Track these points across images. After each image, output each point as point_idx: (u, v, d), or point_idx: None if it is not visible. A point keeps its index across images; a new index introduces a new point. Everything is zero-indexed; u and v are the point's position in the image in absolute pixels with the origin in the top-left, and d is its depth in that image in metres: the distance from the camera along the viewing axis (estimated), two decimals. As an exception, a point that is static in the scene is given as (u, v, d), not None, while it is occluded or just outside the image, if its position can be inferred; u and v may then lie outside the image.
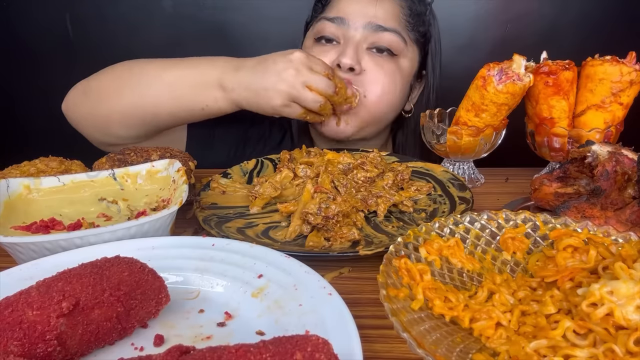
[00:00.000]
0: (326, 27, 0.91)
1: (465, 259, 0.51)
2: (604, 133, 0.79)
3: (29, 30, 1.53)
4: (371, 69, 0.90)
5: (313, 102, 0.78)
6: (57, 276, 0.43)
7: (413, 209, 0.71)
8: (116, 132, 0.86)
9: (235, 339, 0.40)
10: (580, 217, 0.62)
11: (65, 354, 0.40)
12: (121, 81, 0.84)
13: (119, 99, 0.83)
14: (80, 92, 0.87)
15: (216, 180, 0.77)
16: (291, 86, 0.77)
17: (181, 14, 1.50)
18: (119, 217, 0.66)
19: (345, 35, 0.91)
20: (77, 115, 0.88)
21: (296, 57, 0.77)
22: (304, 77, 0.77)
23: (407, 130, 1.06)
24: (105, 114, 0.85)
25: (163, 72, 0.83)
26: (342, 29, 0.91)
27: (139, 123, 0.85)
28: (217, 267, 0.52)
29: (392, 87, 0.92)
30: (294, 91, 0.77)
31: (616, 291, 0.39)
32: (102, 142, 0.90)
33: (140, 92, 0.82)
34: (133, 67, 0.85)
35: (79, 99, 0.87)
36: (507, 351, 0.39)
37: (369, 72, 0.90)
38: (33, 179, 0.64)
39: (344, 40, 0.91)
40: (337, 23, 0.91)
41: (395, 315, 0.39)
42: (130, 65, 0.85)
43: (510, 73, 0.75)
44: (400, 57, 0.93)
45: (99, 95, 0.85)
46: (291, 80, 0.77)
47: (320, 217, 0.62)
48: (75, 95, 0.88)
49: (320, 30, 0.92)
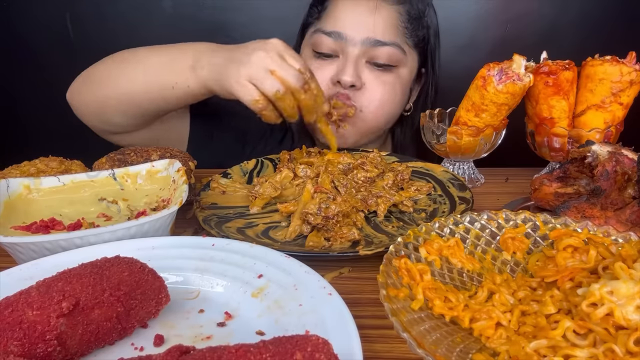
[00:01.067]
0: (324, 42, 0.90)
1: (465, 259, 0.51)
2: (604, 133, 0.79)
3: (29, 30, 1.53)
4: (370, 82, 0.89)
5: (270, 85, 0.71)
6: (57, 276, 0.43)
7: (413, 209, 0.71)
8: (113, 119, 0.87)
9: (235, 339, 0.40)
10: (580, 217, 0.62)
11: (65, 354, 0.40)
12: (115, 67, 0.85)
13: (113, 84, 0.83)
14: (81, 80, 0.88)
15: (216, 180, 0.77)
16: (253, 65, 0.71)
17: (181, 14, 1.50)
18: (119, 217, 0.66)
19: (344, 50, 0.89)
20: (79, 103, 0.88)
21: (272, 43, 0.74)
22: (271, 60, 0.71)
23: (405, 128, 1.06)
24: (102, 100, 0.85)
25: (150, 54, 0.83)
26: (340, 43, 0.89)
27: (132, 109, 0.84)
28: (217, 267, 0.52)
29: (391, 97, 0.92)
30: (252, 70, 0.71)
31: (616, 291, 0.39)
32: (103, 130, 0.90)
33: (128, 76, 0.82)
34: (125, 54, 0.86)
35: (80, 86, 0.88)
36: (507, 351, 0.39)
37: (369, 85, 0.90)
38: (33, 179, 0.64)
39: (342, 55, 0.90)
40: (334, 37, 0.89)
41: (395, 315, 0.39)
42: (124, 52, 0.86)
43: (510, 73, 0.75)
44: (400, 67, 0.92)
45: (97, 82, 0.86)
46: (255, 61, 0.71)
47: (320, 217, 0.62)
48: (77, 84, 0.89)
49: (317, 44, 0.91)
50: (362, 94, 0.89)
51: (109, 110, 0.86)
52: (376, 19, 0.89)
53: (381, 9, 0.90)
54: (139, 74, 0.82)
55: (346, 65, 0.88)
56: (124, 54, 0.86)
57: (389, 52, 0.89)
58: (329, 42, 0.89)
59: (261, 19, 1.49)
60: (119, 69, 0.84)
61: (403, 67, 0.93)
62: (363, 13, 0.89)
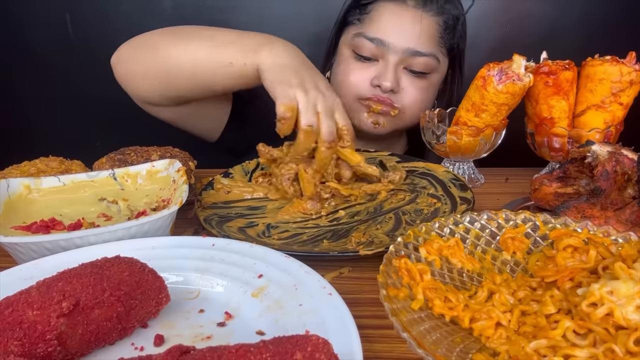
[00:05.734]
0: (365, 46, 0.94)
1: (465, 259, 0.51)
2: (604, 133, 0.79)
3: (29, 30, 1.52)
4: (407, 87, 0.96)
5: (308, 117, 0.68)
6: (57, 276, 0.43)
7: (414, 209, 0.71)
8: (154, 90, 0.86)
9: (235, 339, 0.40)
10: (580, 217, 0.62)
11: (66, 354, 0.40)
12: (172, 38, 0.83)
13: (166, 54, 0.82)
14: (131, 46, 0.87)
15: (218, 180, 0.77)
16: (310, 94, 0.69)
17: (181, 14, 1.50)
18: (119, 217, 0.66)
19: (384, 56, 0.94)
20: (123, 69, 0.87)
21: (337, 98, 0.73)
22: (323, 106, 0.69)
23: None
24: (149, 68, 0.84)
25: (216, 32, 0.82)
26: (381, 50, 0.93)
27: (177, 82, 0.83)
28: (217, 267, 0.52)
29: (423, 99, 0.98)
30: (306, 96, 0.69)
31: (616, 291, 0.39)
32: (141, 99, 0.89)
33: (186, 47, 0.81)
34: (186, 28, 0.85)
35: (129, 52, 0.87)
36: (507, 351, 0.39)
37: (406, 90, 0.96)
38: (33, 179, 0.64)
39: (382, 60, 0.94)
40: (376, 44, 0.93)
41: (395, 315, 0.39)
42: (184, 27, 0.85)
43: (510, 73, 0.75)
44: (433, 73, 0.97)
45: (149, 49, 0.84)
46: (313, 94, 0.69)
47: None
48: (126, 49, 0.87)
49: (359, 47, 0.95)
50: (400, 96, 0.95)
51: (152, 82, 0.85)
52: (421, 28, 0.93)
53: (423, 20, 0.94)
54: (199, 48, 0.80)
55: (387, 71, 0.93)
56: (185, 29, 0.85)
57: (426, 62, 0.94)
58: (371, 47, 0.94)
59: (261, 18, 1.49)
60: (176, 40, 0.82)
61: (436, 73, 0.98)
62: (406, 23, 0.93)
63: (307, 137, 0.69)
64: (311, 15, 1.46)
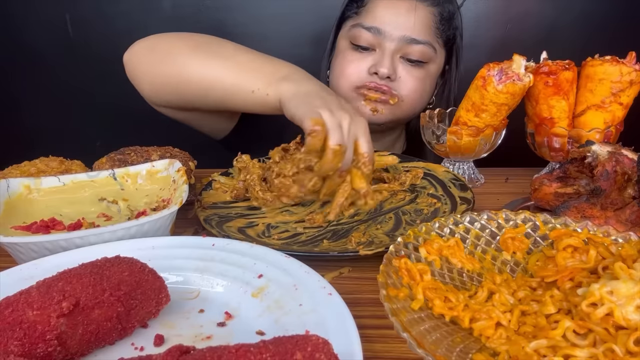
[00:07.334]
0: (362, 36, 0.96)
1: (465, 259, 0.51)
2: (604, 133, 0.79)
3: (29, 30, 1.53)
4: (404, 76, 0.96)
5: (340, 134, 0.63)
6: (57, 276, 0.43)
7: (414, 209, 0.71)
8: (163, 94, 0.85)
9: (235, 339, 0.40)
10: (580, 217, 0.62)
11: (66, 354, 0.40)
12: (189, 50, 0.81)
13: (181, 66, 0.80)
14: (145, 47, 0.85)
15: (217, 180, 0.77)
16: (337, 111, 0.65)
17: (181, 14, 1.50)
18: (119, 217, 0.66)
19: (381, 45, 0.95)
20: (135, 69, 0.85)
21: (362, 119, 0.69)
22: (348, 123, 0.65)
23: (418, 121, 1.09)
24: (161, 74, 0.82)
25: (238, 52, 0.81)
26: (377, 38, 0.95)
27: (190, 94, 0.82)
28: (217, 267, 0.52)
29: (421, 90, 0.99)
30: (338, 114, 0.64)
31: (616, 291, 0.39)
32: (153, 102, 0.88)
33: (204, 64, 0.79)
34: (207, 40, 0.83)
35: (143, 54, 0.85)
36: (507, 351, 0.39)
37: (403, 79, 0.97)
38: (33, 179, 0.64)
39: (379, 50, 0.96)
40: (373, 32, 0.95)
41: (395, 315, 0.39)
42: (210, 38, 0.84)
43: (510, 73, 0.75)
44: (430, 63, 0.99)
45: (163, 56, 0.82)
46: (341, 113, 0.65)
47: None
48: (139, 49, 0.85)
49: (356, 38, 0.96)
50: (397, 85, 0.96)
51: (159, 87, 0.84)
52: (416, 18, 0.95)
53: (418, 9, 0.96)
54: (220, 67, 0.78)
55: (383, 59, 0.94)
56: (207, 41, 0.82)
57: (422, 50, 0.95)
58: (368, 37, 0.95)
59: (261, 18, 1.49)
60: (197, 52, 0.80)
61: (432, 64, 0.99)
62: (402, 12, 0.95)
63: (335, 156, 0.63)
64: (310, 15, 1.46)
